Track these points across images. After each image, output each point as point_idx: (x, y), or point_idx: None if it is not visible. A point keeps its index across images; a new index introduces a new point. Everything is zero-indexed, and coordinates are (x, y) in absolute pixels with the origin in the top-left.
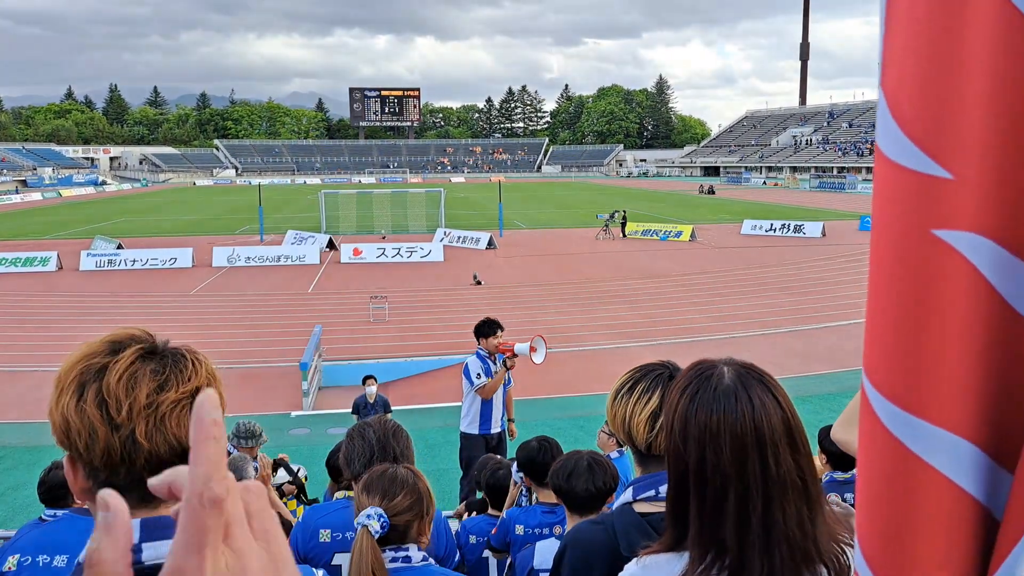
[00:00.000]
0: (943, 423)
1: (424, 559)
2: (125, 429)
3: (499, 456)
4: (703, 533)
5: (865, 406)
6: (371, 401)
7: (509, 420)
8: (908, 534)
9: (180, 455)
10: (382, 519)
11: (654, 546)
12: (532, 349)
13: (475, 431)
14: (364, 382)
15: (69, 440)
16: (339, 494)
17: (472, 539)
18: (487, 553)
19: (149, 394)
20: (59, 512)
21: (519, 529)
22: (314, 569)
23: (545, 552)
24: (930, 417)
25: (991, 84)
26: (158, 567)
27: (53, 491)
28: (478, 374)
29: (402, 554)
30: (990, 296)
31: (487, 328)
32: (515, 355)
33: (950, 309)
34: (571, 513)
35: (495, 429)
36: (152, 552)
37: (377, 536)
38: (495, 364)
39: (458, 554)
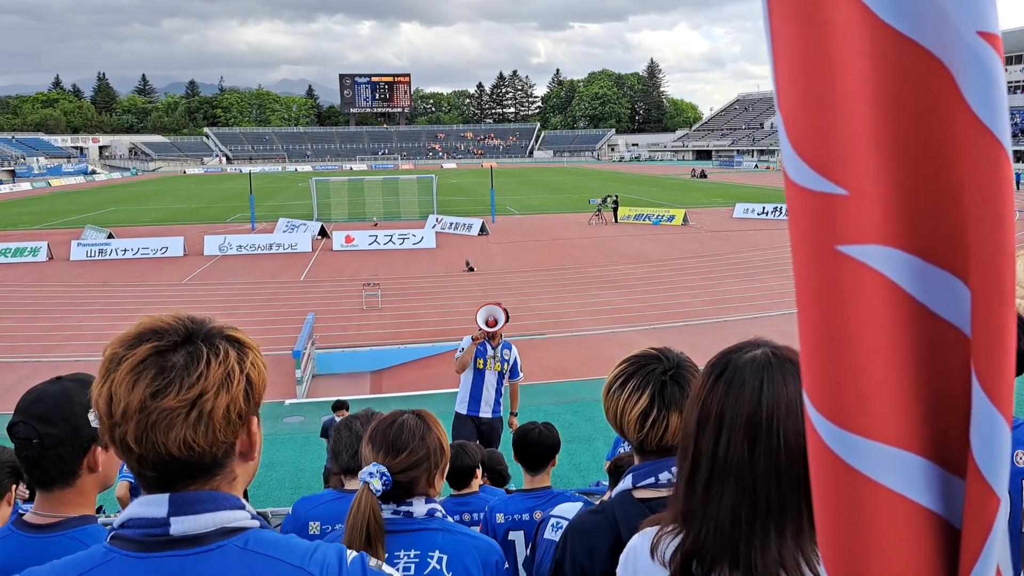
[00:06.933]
0: (883, 438)
1: (430, 512)
2: (120, 429)
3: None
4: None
5: (809, 427)
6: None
7: (512, 413)
8: (868, 555)
9: (167, 463)
10: (384, 477)
11: (664, 515)
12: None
13: (464, 411)
14: (334, 409)
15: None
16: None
17: (499, 518)
18: (513, 536)
19: (143, 399)
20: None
21: (500, 518)
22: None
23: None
24: (868, 433)
25: (870, 100)
26: (184, 539)
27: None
28: (461, 348)
29: (404, 509)
30: (907, 303)
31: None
32: (480, 330)
33: (867, 321)
34: (528, 473)
35: (485, 414)
36: (180, 527)
37: (379, 494)
38: (490, 346)
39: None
